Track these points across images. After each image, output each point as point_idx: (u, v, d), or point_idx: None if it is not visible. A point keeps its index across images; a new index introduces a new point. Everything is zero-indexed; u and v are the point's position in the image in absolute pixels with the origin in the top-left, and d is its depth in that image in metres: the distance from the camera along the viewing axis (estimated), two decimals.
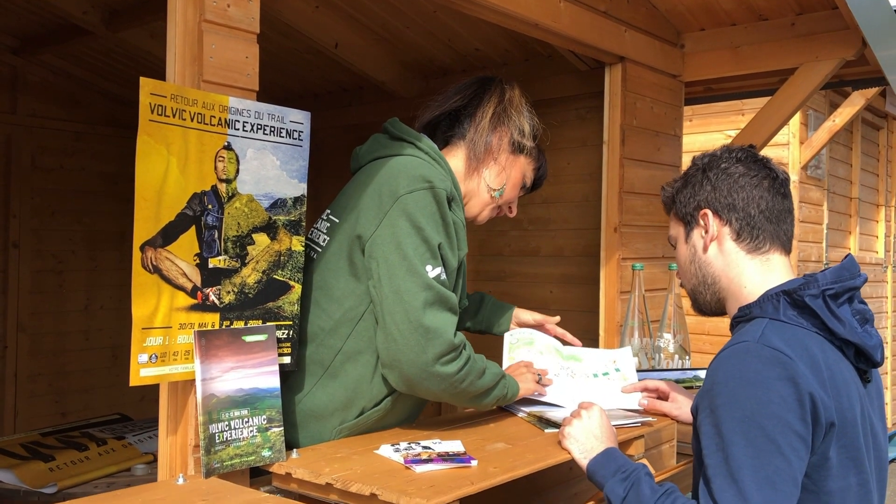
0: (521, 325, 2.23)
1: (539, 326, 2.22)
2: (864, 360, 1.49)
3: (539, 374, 2.00)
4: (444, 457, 1.55)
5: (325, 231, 1.82)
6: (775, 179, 1.58)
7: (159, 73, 1.51)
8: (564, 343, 2.23)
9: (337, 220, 1.79)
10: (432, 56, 3.63)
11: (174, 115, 1.45)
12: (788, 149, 5.17)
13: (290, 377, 1.75)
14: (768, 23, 2.82)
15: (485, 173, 1.94)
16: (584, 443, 1.63)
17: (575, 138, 3.38)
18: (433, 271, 1.67)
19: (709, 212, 1.58)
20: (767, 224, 1.56)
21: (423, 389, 1.70)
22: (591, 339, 3.09)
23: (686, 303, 2.42)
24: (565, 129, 3.41)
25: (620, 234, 2.76)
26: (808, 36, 2.72)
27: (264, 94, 4.56)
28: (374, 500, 1.39)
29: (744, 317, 1.54)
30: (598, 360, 2.20)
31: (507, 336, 2.19)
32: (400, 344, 1.65)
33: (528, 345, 2.12)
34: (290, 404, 1.74)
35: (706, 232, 1.59)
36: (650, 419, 1.92)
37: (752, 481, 1.30)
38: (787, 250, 1.59)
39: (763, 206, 1.56)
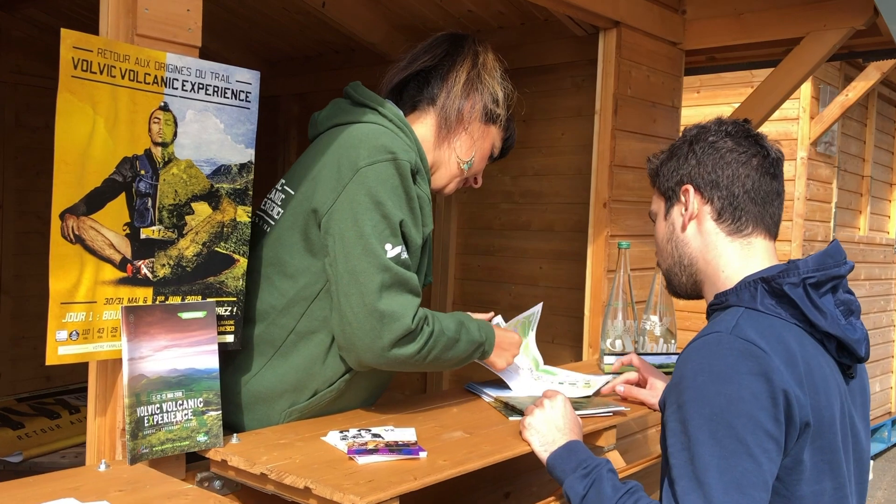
0: None
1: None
2: (847, 355, 1.37)
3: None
4: (392, 447, 1.44)
5: (279, 203, 1.69)
6: (766, 157, 1.45)
7: None
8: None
9: (292, 192, 1.67)
10: (423, 17, 3.48)
11: (101, 72, 1.32)
12: (798, 123, 5.00)
13: (238, 357, 1.64)
14: None
15: (455, 143, 1.81)
16: (546, 434, 1.53)
17: (570, 107, 3.24)
18: (392, 250, 1.55)
19: (690, 187, 1.46)
20: (752, 205, 1.44)
21: (383, 370, 1.60)
22: (576, 318, 2.97)
23: None
24: (560, 97, 3.26)
25: (610, 209, 2.62)
26: (815, 3, 2.55)
27: (253, 56, 4.44)
28: (309, 494, 1.29)
29: (720, 304, 1.42)
30: (571, 376, 2.11)
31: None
32: (355, 327, 1.54)
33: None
34: (235, 385, 1.64)
35: (686, 209, 1.47)
36: (623, 409, 1.81)
37: (719, 484, 1.19)
38: (771, 235, 1.47)
39: (749, 186, 1.43)
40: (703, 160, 1.45)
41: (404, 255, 1.58)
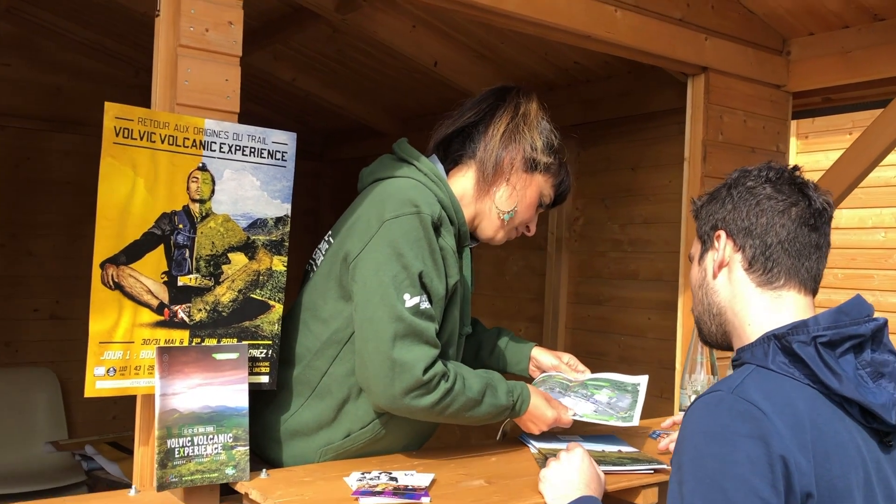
0: (539, 367, 2.09)
1: (557, 368, 2.07)
2: (876, 421, 1.25)
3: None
4: (397, 491, 1.48)
5: (323, 252, 1.81)
6: (808, 208, 1.35)
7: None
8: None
9: (333, 242, 1.78)
10: (533, 71, 3.55)
11: (142, 138, 1.50)
12: None
13: (279, 396, 1.76)
14: (884, 23, 2.48)
15: (496, 194, 1.85)
16: (559, 488, 1.50)
17: (675, 154, 3.15)
18: (411, 300, 1.61)
19: (723, 233, 1.40)
20: (785, 257, 1.35)
21: (399, 414, 1.66)
22: (672, 370, 2.86)
23: None
24: (666, 143, 3.20)
25: None
26: None
27: (389, 116, 4.68)
28: None
29: (738, 360, 1.36)
30: (620, 379, 2.04)
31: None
32: (370, 372, 1.61)
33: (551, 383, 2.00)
34: (276, 423, 1.75)
35: (717, 255, 1.41)
36: (667, 466, 1.73)
37: None
38: (808, 289, 1.36)
39: (783, 236, 1.34)
40: (738, 206, 1.39)
41: (424, 305, 1.63)
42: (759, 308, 1.36)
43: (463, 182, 1.85)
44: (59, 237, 4.49)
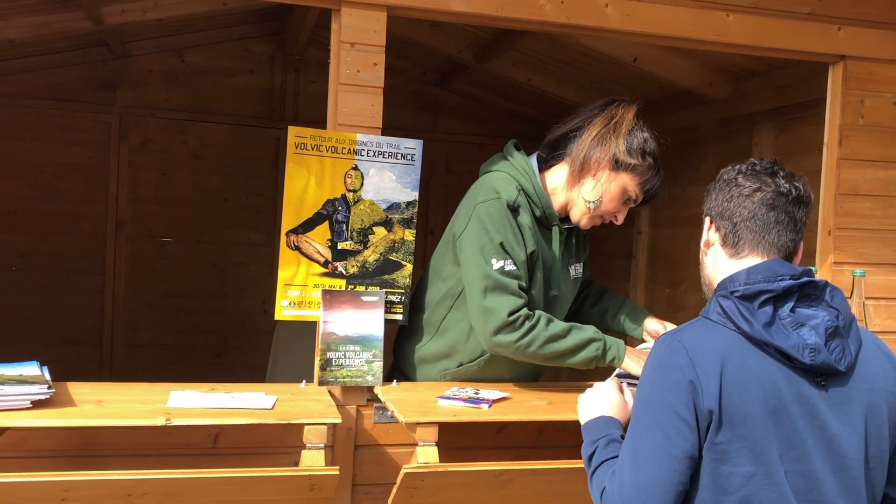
0: (649, 333, 2.46)
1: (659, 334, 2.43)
2: (792, 361, 1.54)
3: None
4: (466, 398, 2.06)
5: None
6: (772, 191, 1.66)
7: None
8: None
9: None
10: (730, 59, 3.75)
11: (312, 149, 2.24)
12: None
13: (414, 333, 2.40)
14: None
15: (584, 186, 2.29)
16: (587, 408, 1.95)
17: None
18: (497, 263, 2.15)
19: (707, 219, 1.77)
20: (748, 233, 1.67)
21: (495, 352, 2.21)
22: None
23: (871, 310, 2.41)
24: None
25: (834, 237, 2.69)
26: None
27: (570, 110, 5.09)
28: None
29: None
30: None
31: None
32: (473, 317, 2.19)
33: None
34: (411, 351, 2.40)
35: (703, 237, 1.78)
36: None
37: (641, 454, 1.55)
38: (768, 257, 1.66)
39: (745, 216, 1.66)
40: (717, 195, 1.75)
41: (508, 267, 2.16)
42: (726, 274, 1.69)
43: (558, 175, 2.33)
44: None
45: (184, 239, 5.47)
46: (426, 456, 1.88)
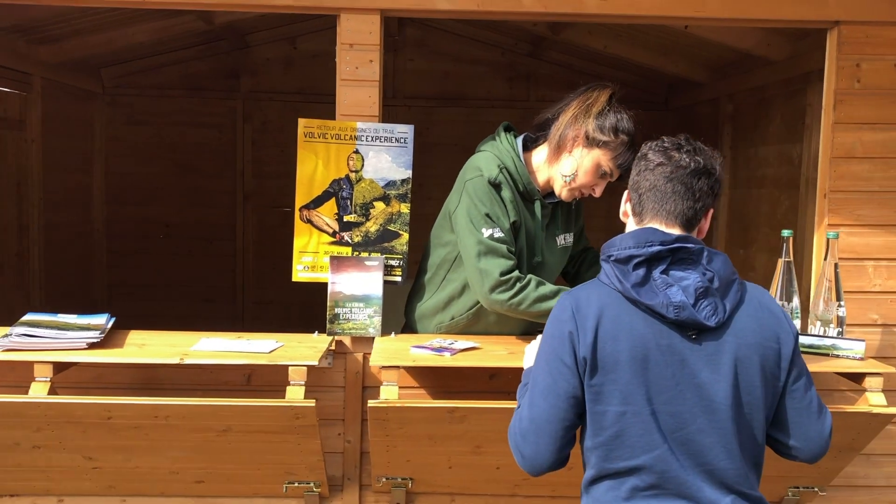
0: None
1: None
2: (659, 316, 1.79)
3: None
4: (436, 347, 2.42)
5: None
6: (675, 166, 1.89)
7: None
8: None
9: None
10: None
11: (319, 137, 2.65)
12: None
13: (418, 292, 2.77)
14: None
15: (561, 162, 2.54)
16: (530, 356, 2.25)
17: None
18: (486, 230, 2.48)
19: (626, 192, 2.02)
20: (649, 202, 1.92)
21: (493, 309, 2.53)
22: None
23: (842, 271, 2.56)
24: None
25: (829, 200, 2.76)
26: None
27: (655, 74, 5.18)
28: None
29: None
30: None
31: None
32: (472, 278, 2.54)
33: None
34: (415, 308, 2.78)
35: (621, 208, 2.03)
36: None
37: (535, 393, 1.87)
38: (671, 222, 1.88)
39: (648, 187, 1.92)
40: (633, 169, 2.00)
41: (497, 234, 2.47)
42: None
43: (542, 153, 2.61)
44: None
45: None
46: (388, 394, 2.27)
